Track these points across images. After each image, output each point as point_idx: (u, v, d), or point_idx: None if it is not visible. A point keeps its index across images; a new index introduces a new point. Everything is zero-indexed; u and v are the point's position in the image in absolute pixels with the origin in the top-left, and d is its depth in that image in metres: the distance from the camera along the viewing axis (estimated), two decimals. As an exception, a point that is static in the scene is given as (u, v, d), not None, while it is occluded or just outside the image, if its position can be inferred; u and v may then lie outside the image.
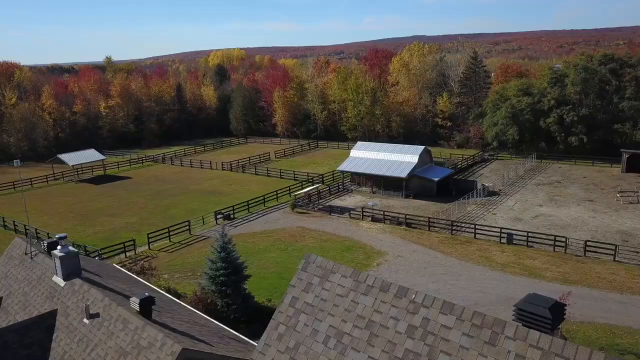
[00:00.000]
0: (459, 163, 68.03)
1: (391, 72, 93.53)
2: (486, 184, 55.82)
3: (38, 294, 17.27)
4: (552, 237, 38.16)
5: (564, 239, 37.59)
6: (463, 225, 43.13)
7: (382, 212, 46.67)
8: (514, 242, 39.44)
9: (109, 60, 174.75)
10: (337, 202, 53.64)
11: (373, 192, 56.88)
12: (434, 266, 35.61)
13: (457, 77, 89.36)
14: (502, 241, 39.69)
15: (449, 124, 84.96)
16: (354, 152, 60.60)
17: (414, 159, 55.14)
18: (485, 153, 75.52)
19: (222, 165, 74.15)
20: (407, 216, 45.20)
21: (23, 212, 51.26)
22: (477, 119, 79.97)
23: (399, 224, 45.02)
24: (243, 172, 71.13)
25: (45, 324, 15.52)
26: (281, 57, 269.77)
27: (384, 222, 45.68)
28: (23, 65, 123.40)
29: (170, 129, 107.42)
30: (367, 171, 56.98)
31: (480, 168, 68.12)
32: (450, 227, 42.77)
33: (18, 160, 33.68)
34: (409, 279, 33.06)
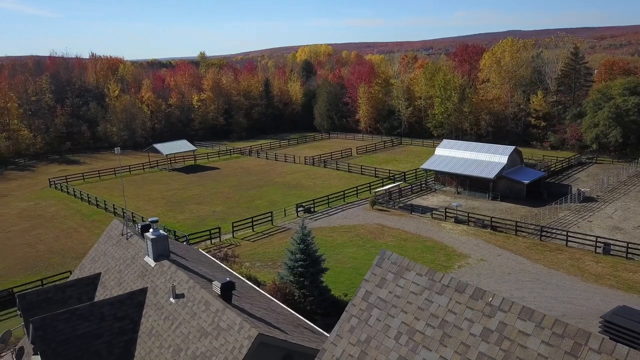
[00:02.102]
0: (552, 165, 64.09)
1: (481, 68, 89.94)
2: (582, 189, 52.15)
3: (131, 272, 18.64)
4: (656, 250, 34.90)
5: (670, 253, 34.25)
6: (554, 231, 40.64)
7: (466, 214, 45.17)
8: (612, 252, 36.53)
9: (202, 55, 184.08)
10: (419, 201, 52.67)
11: (457, 193, 55.18)
12: (519, 272, 33.92)
13: (555, 74, 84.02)
14: (597, 251, 36.91)
15: (542, 123, 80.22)
16: (439, 150, 59.10)
17: (503, 159, 52.76)
18: (582, 156, 70.49)
19: (305, 159, 75.46)
20: (493, 219, 43.38)
21: (121, 196, 55.52)
22: (575, 119, 74.78)
23: (484, 226, 43.35)
24: (324, 167, 71.91)
25: (136, 300, 16.73)
26: (368, 52, 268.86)
27: (468, 224, 44.19)
28: (126, 60, 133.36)
29: (257, 123, 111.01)
30: (452, 170, 55.35)
31: (576, 172, 63.71)
32: (539, 233, 40.48)
33: (118, 148, 36.50)
34: (492, 284, 31.77)
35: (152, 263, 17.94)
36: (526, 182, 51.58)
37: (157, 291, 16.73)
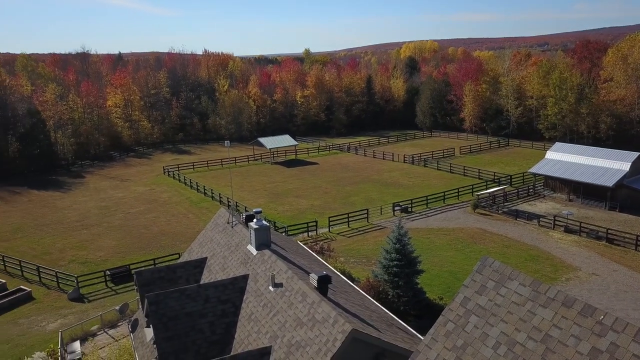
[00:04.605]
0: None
1: (604, 66, 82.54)
2: None
3: (235, 258, 19.72)
4: None
5: None
6: (681, 248, 36.43)
7: (578, 223, 41.93)
8: None
9: (307, 52, 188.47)
10: (525, 206, 49.85)
11: (569, 200, 51.42)
12: (637, 291, 30.90)
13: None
14: None
15: (674, 128, 71.98)
16: (551, 154, 55.43)
17: (625, 166, 48.21)
18: None
19: (404, 157, 74.50)
20: (609, 230, 39.84)
21: (226, 186, 58.73)
22: None
23: (598, 238, 39.99)
24: (424, 166, 70.48)
25: (238, 286, 17.69)
26: (476, 49, 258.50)
27: (580, 235, 41.03)
28: (235, 57, 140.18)
29: (357, 120, 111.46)
30: (564, 176, 51.65)
31: None
32: (663, 249, 36.52)
33: (228, 141, 38.70)
34: (604, 302, 29.30)
35: (254, 251, 18.84)
36: (651, 192, 46.72)
37: (258, 279, 17.56)
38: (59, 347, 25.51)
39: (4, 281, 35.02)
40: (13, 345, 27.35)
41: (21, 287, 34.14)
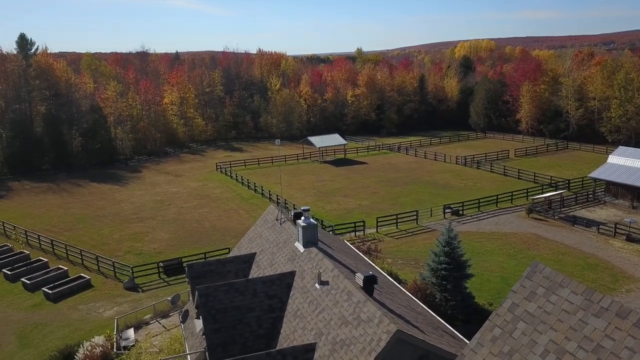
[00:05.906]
0: None
1: (675, 65, 77.91)
2: None
3: (282, 255, 20.03)
4: None
5: None
6: None
7: (640, 231, 39.81)
8: None
9: (359, 51, 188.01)
10: (583, 212, 47.75)
11: (632, 207, 48.81)
12: None
13: None
14: None
15: None
16: (613, 158, 52.82)
17: (694, 172, 45.32)
18: None
19: (457, 159, 73.01)
20: (674, 240, 37.59)
21: (276, 183, 59.53)
22: None
23: (662, 247, 37.79)
24: (477, 168, 68.79)
25: (286, 282, 17.97)
26: (535, 48, 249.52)
27: (642, 243, 38.92)
28: (288, 56, 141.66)
29: (408, 119, 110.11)
30: (628, 182, 49.08)
31: None
32: None
33: (279, 140, 39.29)
34: (667, 315, 27.63)
35: (301, 249, 19.08)
36: None
37: (304, 276, 17.77)
38: (115, 333, 26.75)
39: (66, 268, 37.10)
40: (73, 329, 28.93)
41: (81, 274, 36.05)
